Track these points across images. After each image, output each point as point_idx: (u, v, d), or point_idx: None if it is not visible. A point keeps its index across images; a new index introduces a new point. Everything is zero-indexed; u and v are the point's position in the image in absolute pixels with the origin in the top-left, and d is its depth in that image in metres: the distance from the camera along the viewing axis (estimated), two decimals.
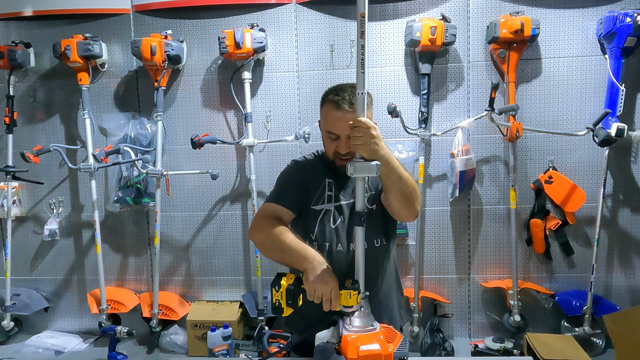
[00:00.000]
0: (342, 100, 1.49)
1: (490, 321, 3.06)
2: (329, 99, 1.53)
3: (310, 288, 1.30)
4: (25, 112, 3.20)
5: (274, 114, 3.08)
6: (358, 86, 1.27)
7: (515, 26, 2.65)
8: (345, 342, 1.23)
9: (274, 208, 1.57)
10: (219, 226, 3.19)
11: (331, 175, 1.63)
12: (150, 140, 3.07)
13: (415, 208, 1.50)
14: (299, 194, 1.60)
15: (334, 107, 1.50)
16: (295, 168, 1.67)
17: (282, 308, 1.33)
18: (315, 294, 1.30)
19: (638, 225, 2.92)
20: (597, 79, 2.84)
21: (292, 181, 1.63)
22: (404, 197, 1.44)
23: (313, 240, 1.60)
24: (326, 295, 1.29)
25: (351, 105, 1.48)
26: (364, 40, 1.24)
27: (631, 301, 2.97)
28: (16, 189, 3.20)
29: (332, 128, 1.52)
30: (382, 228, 1.63)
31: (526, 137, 2.92)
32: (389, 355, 1.20)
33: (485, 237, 3.03)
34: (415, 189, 1.47)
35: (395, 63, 2.98)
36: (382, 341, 1.23)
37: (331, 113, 1.51)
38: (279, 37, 3.03)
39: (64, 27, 3.11)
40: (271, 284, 1.34)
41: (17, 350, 3.06)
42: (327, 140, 1.57)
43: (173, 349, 3.06)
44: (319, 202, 1.61)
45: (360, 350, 1.19)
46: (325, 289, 1.29)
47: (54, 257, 3.30)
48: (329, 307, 1.30)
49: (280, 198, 1.59)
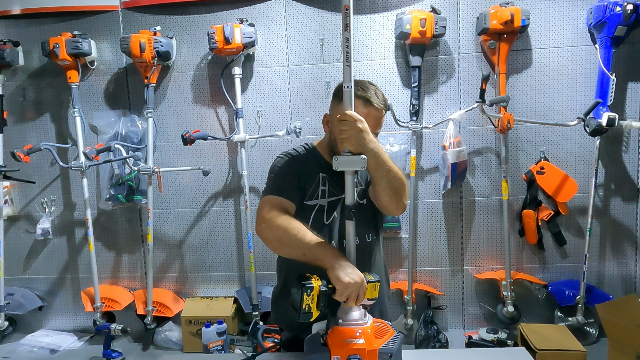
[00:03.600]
0: (374, 97, 1.44)
1: (484, 312, 3.07)
2: (358, 94, 1.42)
3: (342, 286, 1.22)
4: (15, 111, 3.19)
5: (265, 109, 3.08)
6: (345, 79, 1.26)
7: (505, 17, 2.65)
8: (332, 335, 1.23)
9: (279, 201, 1.46)
10: (212, 222, 3.19)
11: (325, 170, 1.57)
12: (142, 138, 3.06)
13: (403, 202, 1.49)
14: (298, 187, 1.52)
15: (365, 103, 1.43)
16: (291, 160, 1.57)
17: (312, 312, 1.22)
18: (346, 292, 1.23)
19: (630, 214, 2.93)
20: (588, 69, 2.85)
21: (291, 173, 1.53)
22: (392, 190, 1.42)
23: None
24: (357, 292, 1.24)
25: (384, 106, 1.47)
26: (348, 32, 1.23)
27: (624, 290, 2.98)
28: (7, 189, 3.19)
29: None
30: (372, 222, 1.61)
31: (517, 128, 2.92)
32: (374, 351, 1.18)
33: (477, 229, 3.03)
34: (404, 182, 1.46)
35: (386, 56, 2.97)
36: (368, 336, 1.22)
37: (360, 109, 1.40)
38: (268, 31, 3.02)
39: (52, 25, 3.09)
40: (295, 288, 1.22)
41: (12, 349, 3.06)
42: None
43: (168, 346, 3.06)
44: (313, 197, 1.55)
45: (344, 344, 1.18)
46: (355, 287, 1.23)
47: (47, 256, 3.29)
48: (353, 303, 1.24)
49: (283, 190, 1.49)
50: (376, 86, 1.51)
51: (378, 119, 1.47)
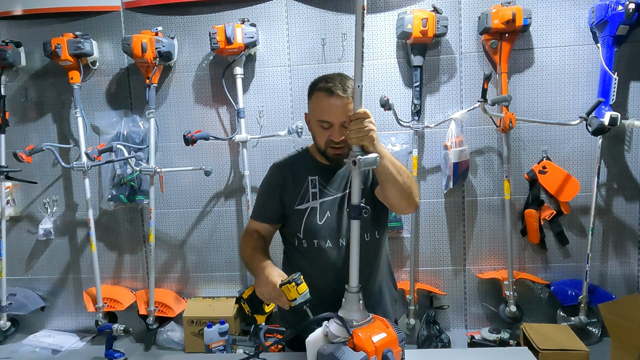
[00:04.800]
0: (334, 87, 1.46)
1: (486, 312, 3.07)
2: (319, 87, 1.50)
3: (258, 293, 1.39)
4: (17, 112, 3.19)
5: (267, 109, 3.08)
6: (356, 79, 1.21)
7: (507, 16, 2.64)
8: (359, 338, 1.20)
9: (253, 225, 1.65)
10: (213, 222, 3.19)
11: (315, 171, 1.60)
12: (143, 138, 3.06)
13: (414, 200, 1.46)
14: (278, 204, 1.62)
15: (327, 94, 1.47)
16: (273, 173, 1.68)
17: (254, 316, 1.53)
18: (263, 296, 1.38)
19: (632, 213, 2.93)
20: (590, 68, 2.84)
21: (270, 191, 1.64)
22: (401, 188, 1.40)
23: (302, 239, 1.58)
24: (270, 295, 1.35)
25: (344, 91, 1.45)
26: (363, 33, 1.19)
27: (626, 290, 2.97)
28: (10, 189, 3.20)
29: (326, 116, 1.48)
30: (372, 222, 1.58)
31: (519, 127, 2.91)
32: (396, 340, 1.21)
33: (480, 229, 3.03)
34: (412, 179, 1.44)
35: (387, 55, 2.97)
36: (385, 329, 1.23)
37: (324, 101, 1.48)
38: (270, 31, 3.02)
39: (54, 26, 3.09)
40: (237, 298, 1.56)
41: (15, 350, 3.06)
42: (318, 130, 1.52)
43: (170, 346, 3.06)
44: (304, 201, 1.58)
45: (375, 342, 1.18)
46: (265, 290, 1.36)
47: (49, 257, 3.30)
48: (282, 304, 1.33)
49: (259, 214, 1.66)
50: (343, 75, 1.51)
51: (344, 107, 1.45)
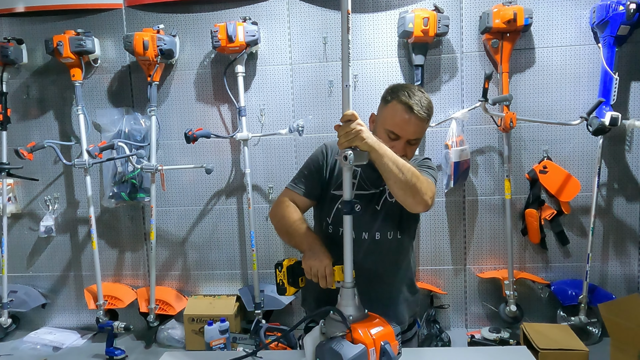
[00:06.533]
0: (416, 105, 1.47)
1: (487, 311, 3.07)
2: (401, 99, 1.49)
3: (306, 266, 1.37)
4: (18, 109, 3.20)
5: (268, 108, 3.08)
6: (343, 79, 1.24)
7: (508, 16, 2.64)
8: (357, 332, 1.21)
9: (290, 194, 1.63)
10: (214, 220, 3.19)
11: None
12: (145, 135, 3.07)
13: (421, 197, 1.41)
14: (317, 181, 1.61)
15: (406, 109, 1.47)
16: (322, 151, 1.65)
17: (285, 287, 1.42)
18: (311, 271, 1.36)
19: (633, 214, 2.93)
20: (591, 68, 2.84)
21: (314, 167, 1.63)
22: (404, 185, 1.37)
23: (329, 225, 1.59)
24: (321, 272, 1.34)
25: (423, 112, 1.47)
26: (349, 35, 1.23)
27: (626, 290, 2.97)
28: (11, 186, 3.20)
29: (398, 129, 1.48)
30: (398, 222, 1.59)
31: (520, 127, 2.91)
32: (393, 333, 1.23)
33: (480, 228, 3.03)
34: (417, 175, 1.40)
35: (389, 55, 2.97)
36: (382, 323, 1.24)
37: (402, 114, 1.48)
38: (271, 30, 3.02)
39: (56, 23, 3.09)
40: (274, 265, 1.43)
41: (15, 347, 3.07)
42: (383, 137, 1.50)
43: (170, 344, 3.07)
44: (340, 187, 1.52)
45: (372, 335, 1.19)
46: (319, 266, 1.35)
47: (50, 254, 3.30)
48: (325, 284, 1.34)
49: (298, 185, 1.63)
50: (424, 93, 1.52)
51: (418, 126, 1.49)
